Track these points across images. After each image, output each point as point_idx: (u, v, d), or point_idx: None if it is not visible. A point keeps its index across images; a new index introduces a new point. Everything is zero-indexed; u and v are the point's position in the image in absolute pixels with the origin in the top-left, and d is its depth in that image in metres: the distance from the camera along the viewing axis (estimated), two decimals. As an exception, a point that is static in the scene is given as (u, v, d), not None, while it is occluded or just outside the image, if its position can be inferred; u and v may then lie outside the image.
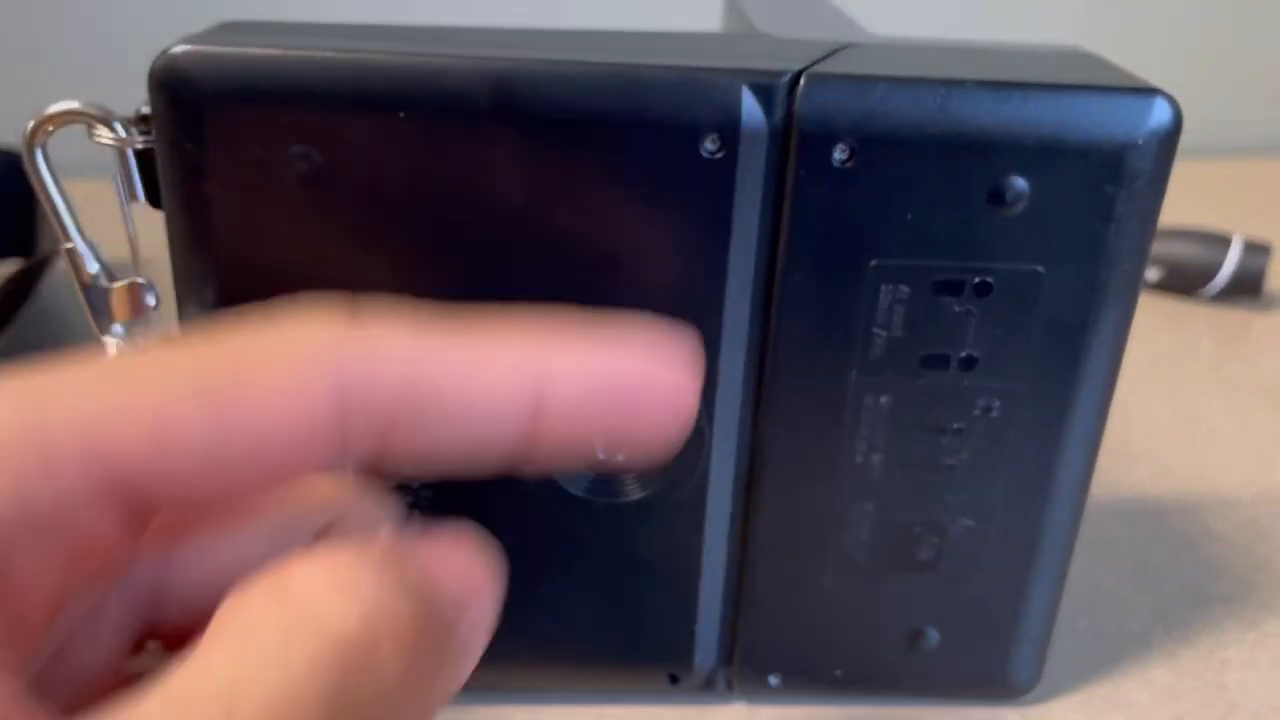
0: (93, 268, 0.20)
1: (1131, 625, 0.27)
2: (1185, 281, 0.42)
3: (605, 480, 0.21)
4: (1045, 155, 0.19)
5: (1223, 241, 0.41)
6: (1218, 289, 0.41)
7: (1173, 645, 0.26)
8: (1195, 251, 0.41)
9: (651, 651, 0.23)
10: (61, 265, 0.39)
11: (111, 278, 0.20)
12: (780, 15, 0.24)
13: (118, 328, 0.20)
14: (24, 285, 0.35)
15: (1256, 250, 0.41)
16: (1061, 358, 0.20)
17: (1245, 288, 0.41)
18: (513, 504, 0.21)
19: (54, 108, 0.19)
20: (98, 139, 0.19)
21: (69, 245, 0.19)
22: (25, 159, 0.19)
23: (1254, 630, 0.27)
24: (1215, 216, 0.45)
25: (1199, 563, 0.29)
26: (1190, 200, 0.50)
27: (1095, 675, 0.25)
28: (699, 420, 0.21)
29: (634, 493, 0.21)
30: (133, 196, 0.19)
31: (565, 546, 0.22)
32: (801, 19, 0.24)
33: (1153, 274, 0.42)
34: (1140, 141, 0.19)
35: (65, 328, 0.39)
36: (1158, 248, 0.42)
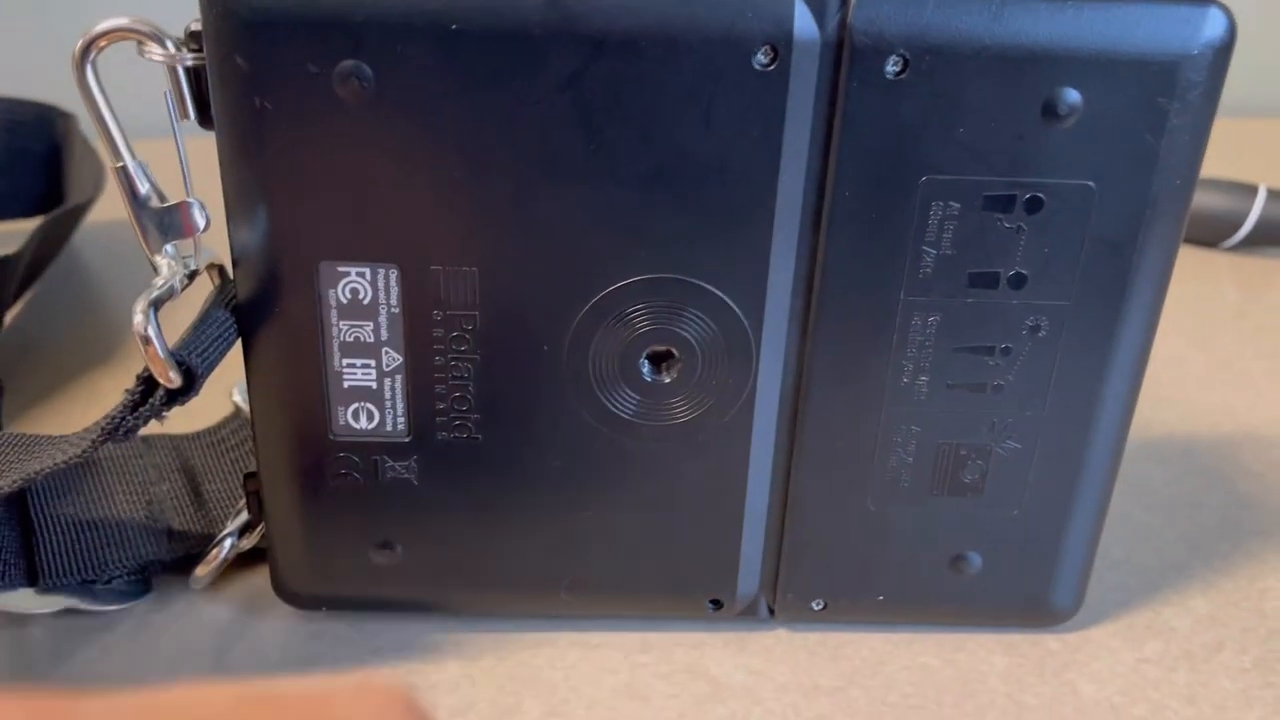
0: (143, 187, 0.20)
1: (1169, 556, 0.27)
2: (1210, 231, 0.42)
3: (652, 403, 0.21)
4: (1099, 67, 0.19)
5: (1248, 191, 0.41)
6: (1242, 238, 0.41)
7: (1211, 575, 0.26)
8: (1220, 201, 0.41)
9: (695, 577, 0.23)
10: (90, 221, 0.39)
11: (162, 197, 0.20)
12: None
13: (168, 247, 0.20)
14: (56, 235, 0.35)
15: (1282, 199, 0.41)
16: (1111, 274, 0.20)
17: (1270, 237, 0.41)
18: (560, 428, 0.22)
19: (103, 25, 0.19)
20: (148, 56, 0.19)
21: (120, 164, 0.19)
22: (75, 77, 0.19)
23: (1290, 562, 0.27)
24: (1238, 174, 0.44)
25: (1233, 498, 0.29)
26: (1211, 157, 0.50)
27: (1134, 604, 0.25)
28: (747, 340, 0.21)
29: (681, 415, 0.22)
30: (184, 114, 0.19)
31: (611, 471, 0.22)
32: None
33: (1178, 223, 0.42)
34: (1195, 52, 0.19)
35: (95, 278, 0.39)
36: (1183, 197, 0.42)
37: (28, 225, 0.41)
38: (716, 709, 0.22)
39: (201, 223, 0.20)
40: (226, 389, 0.28)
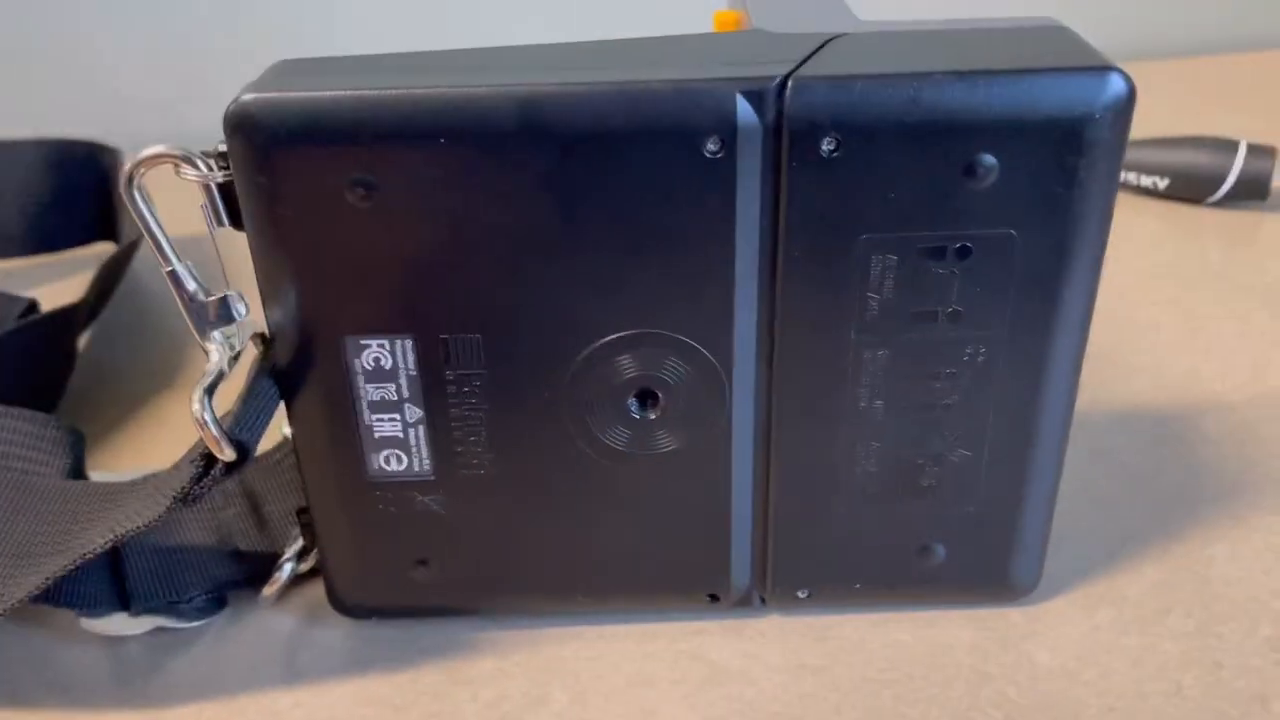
0: (190, 286, 0.23)
1: (1127, 527, 0.30)
2: (1192, 189, 0.43)
3: (641, 436, 0.25)
4: (1011, 132, 0.21)
5: (1229, 147, 0.43)
6: (1225, 194, 0.43)
7: (1164, 543, 0.29)
8: (1201, 159, 0.43)
9: (693, 576, 0.27)
10: (145, 249, 0.43)
11: (207, 293, 0.23)
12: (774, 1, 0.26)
13: (216, 334, 0.23)
14: (117, 268, 0.39)
15: (1262, 154, 0.43)
16: (1038, 306, 0.23)
17: (1252, 191, 0.43)
18: (563, 461, 0.25)
19: (145, 152, 0.22)
20: (184, 175, 0.22)
21: (169, 269, 0.23)
22: (124, 197, 0.22)
23: (1240, 526, 0.30)
24: (1222, 113, 0.46)
25: (1192, 465, 0.32)
26: (1197, 99, 0.51)
27: (1092, 573, 0.28)
28: (720, 379, 0.24)
29: (667, 445, 0.25)
30: (218, 222, 0.22)
31: (612, 494, 0.25)
32: (794, 5, 0.26)
33: (1161, 182, 0.44)
34: (1097, 115, 0.21)
35: (152, 302, 0.43)
36: (1165, 156, 0.44)
37: (81, 253, 0.45)
38: (716, 690, 0.26)
39: (242, 310, 0.23)
40: (278, 419, 0.31)
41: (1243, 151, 0.42)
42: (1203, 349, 0.37)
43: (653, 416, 0.24)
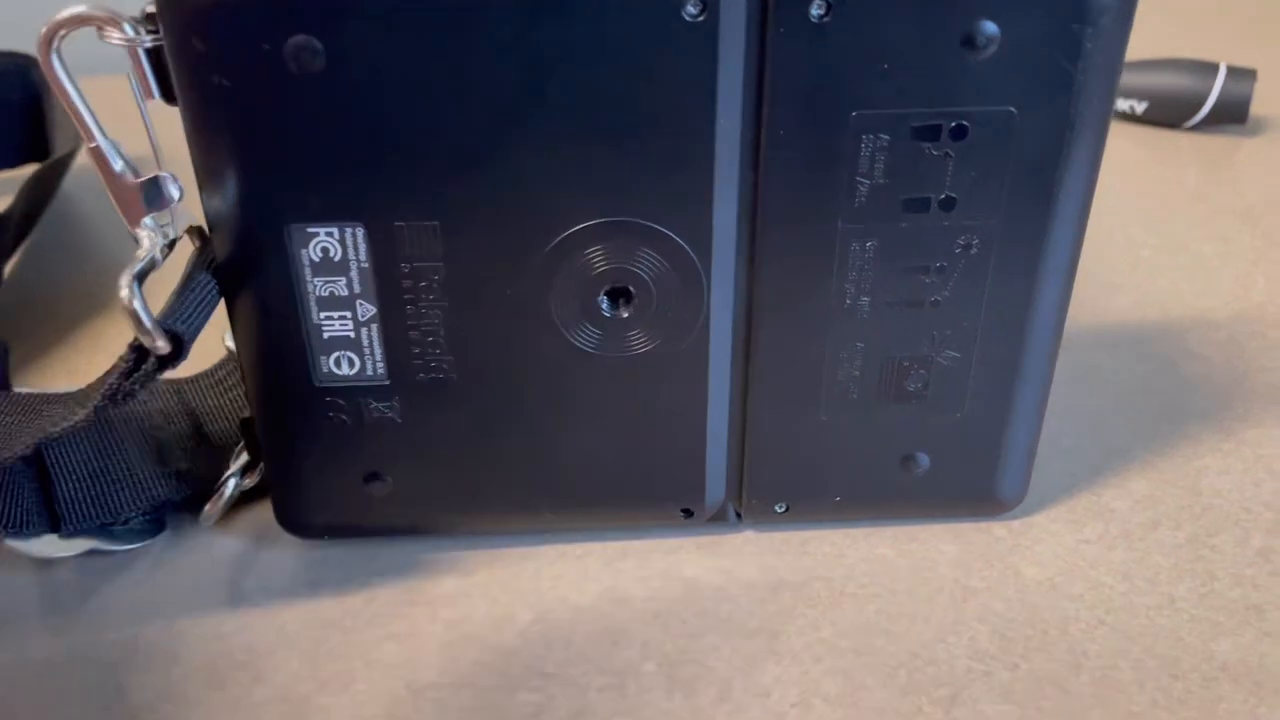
0: (117, 165, 0.21)
1: (1113, 442, 0.29)
2: (1172, 112, 0.42)
3: (612, 336, 0.23)
4: (1013, -2, 0.20)
5: (1208, 70, 0.42)
6: (1204, 117, 0.42)
7: (1152, 457, 0.28)
8: (1181, 82, 0.42)
9: (666, 489, 0.25)
10: (77, 167, 0.40)
11: (136, 173, 0.21)
12: None
13: (147, 220, 0.21)
14: (45, 187, 0.36)
15: (1241, 76, 0.42)
16: (1036, 193, 0.22)
17: (1231, 115, 0.42)
18: (528, 364, 0.23)
19: (64, 13, 0.20)
20: (108, 39, 0.20)
21: (93, 144, 0.21)
22: (42, 64, 0.20)
23: (1229, 439, 0.29)
24: (1202, 42, 0.45)
25: (1179, 381, 0.31)
26: (1177, 27, 0.50)
27: (1078, 489, 0.27)
28: (697, 274, 0.22)
29: (640, 346, 0.23)
30: (148, 94, 0.20)
31: (580, 399, 0.24)
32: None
33: (1139, 106, 0.43)
34: (1104, -22, 0.20)
35: (85, 225, 0.41)
36: (1144, 80, 0.42)
37: (11, 175, 0.43)
38: (691, 607, 0.24)
39: (176, 194, 0.21)
40: (219, 333, 0.29)
41: (1222, 74, 0.41)
42: (1184, 268, 0.36)
43: (625, 315, 0.23)
